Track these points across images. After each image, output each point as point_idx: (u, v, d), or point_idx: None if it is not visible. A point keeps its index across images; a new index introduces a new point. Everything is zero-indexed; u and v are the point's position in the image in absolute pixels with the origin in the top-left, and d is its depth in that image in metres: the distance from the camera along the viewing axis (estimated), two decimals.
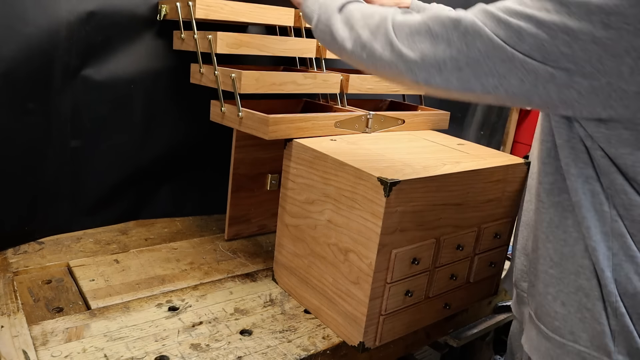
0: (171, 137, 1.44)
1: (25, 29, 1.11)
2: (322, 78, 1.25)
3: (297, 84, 1.21)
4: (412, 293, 1.01)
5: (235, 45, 1.16)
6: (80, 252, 1.26)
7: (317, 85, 1.25)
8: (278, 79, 1.17)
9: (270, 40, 1.22)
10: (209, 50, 1.15)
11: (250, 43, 1.18)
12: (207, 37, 1.14)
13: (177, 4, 1.20)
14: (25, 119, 1.17)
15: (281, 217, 1.16)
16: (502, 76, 0.65)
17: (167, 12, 1.26)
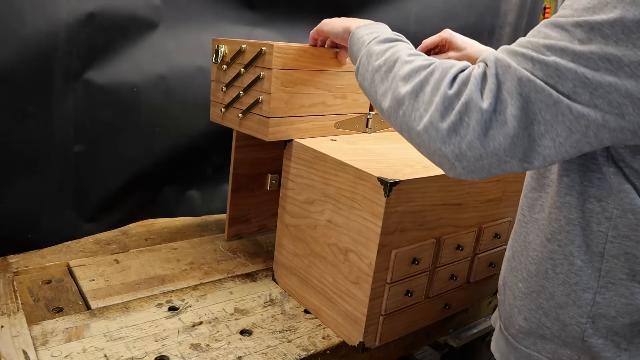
0: (173, 139, 1.44)
1: (23, 30, 1.10)
2: (352, 98, 1.20)
3: (326, 105, 1.15)
4: (412, 293, 1.01)
5: (291, 84, 1.06)
6: (80, 252, 1.26)
7: (347, 105, 1.20)
8: (308, 101, 1.11)
9: (327, 76, 1.13)
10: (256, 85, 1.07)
11: (306, 81, 1.09)
12: (259, 74, 1.05)
13: (242, 47, 1.07)
14: (25, 123, 1.17)
15: (281, 217, 1.16)
16: (549, 123, 0.58)
17: (225, 53, 1.13)
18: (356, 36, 0.87)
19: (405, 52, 0.75)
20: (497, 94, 0.59)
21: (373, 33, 0.85)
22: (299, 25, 1.62)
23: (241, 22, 1.51)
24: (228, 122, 1.17)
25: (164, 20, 1.34)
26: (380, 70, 0.75)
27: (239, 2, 1.48)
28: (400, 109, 0.69)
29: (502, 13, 2.11)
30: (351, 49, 0.88)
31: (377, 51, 0.79)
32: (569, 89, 0.56)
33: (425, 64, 0.69)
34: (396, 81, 0.71)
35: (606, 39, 0.54)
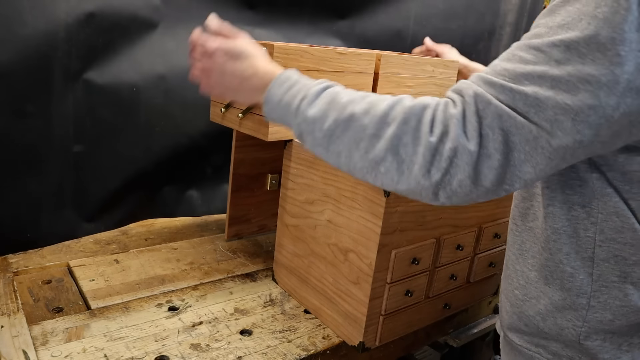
0: (172, 139, 1.44)
1: (23, 30, 1.10)
2: None
3: None
4: (412, 293, 1.01)
5: None
6: (80, 252, 1.26)
7: None
8: None
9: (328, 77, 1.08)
10: None
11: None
12: None
13: None
14: (25, 122, 1.17)
15: (281, 217, 1.16)
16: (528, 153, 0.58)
17: None
18: (273, 102, 0.77)
19: (348, 99, 0.69)
20: (480, 131, 0.59)
21: (291, 89, 0.75)
22: (299, 25, 1.62)
23: (241, 22, 1.50)
24: (228, 122, 1.17)
25: (164, 20, 1.34)
26: (335, 132, 0.68)
27: (239, 2, 1.48)
28: (380, 167, 0.65)
29: (502, 13, 2.11)
30: (270, 115, 0.78)
31: (316, 114, 0.70)
32: (550, 117, 0.56)
33: (387, 110, 0.65)
34: (365, 140, 0.65)
35: (583, 58, 0.54)
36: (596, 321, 0.69)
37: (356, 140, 0.66)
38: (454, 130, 0.60)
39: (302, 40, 1.62)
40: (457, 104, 0.62)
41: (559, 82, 0.55)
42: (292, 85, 0.75)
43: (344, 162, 0.69)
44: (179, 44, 1.39)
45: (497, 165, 0.59)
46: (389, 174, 0.64)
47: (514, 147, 0.58)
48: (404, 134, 0.63)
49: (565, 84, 0.55)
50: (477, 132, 0.59)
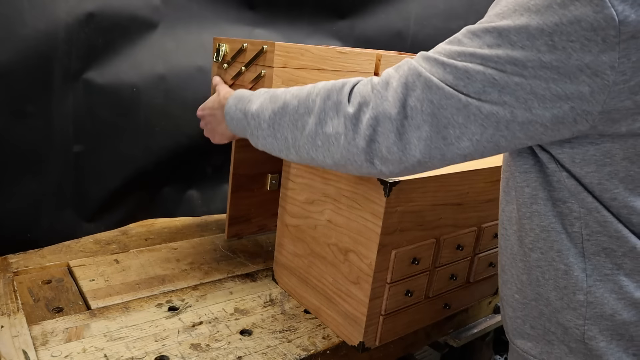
0: (173, 139, 1.44)
1: (23, 30, 1.10)
2: None
3: None
4: (412, 293, 1.01)
5: (292, 83, 1.07)
6: (80, 252, 1.26)
7: None
8: None
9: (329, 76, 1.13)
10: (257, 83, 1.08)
11: (307, 80, 1.09)
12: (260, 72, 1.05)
13: (243, 45, 1.08)
14: (25, 122, 1.17)
15: (281, 217, 1.16)
16: (462, 125, 0.62)
17: (226, 52, 1.14)
18: (230, 112, 0.88)
19: (282, 91, 0.79)
20: (405, 101, 0.63)
21: (242, 99, 0.86)
22: (299, 25, 1.62)
23: (241, 22, 1.51)
24: None
25: (164, 21, 1.34)
26: (275, 120, 0.78)
27: (239, 2, 1.48)
28: (316, 140, 0.72)
29: None
30: (231, 124, 0.89)
31: (258, 108, 0.81)
32: (478, 89, 0.60)
33: (310, 89, 0.74)
34: (300, 120, 0.74)
35: (513, 45, 0.58)
36: (597, 317, 0.68)
37: (293, 122, 0.74)
38: (373, 100, 0.66)
39: (302, 41, 1.62)
40: (384, 76, 0.67)
41: (488, 60, 0.59)
42: (242, 96, 0.87)
43: (292, 145, 0.76)
44: (179, 44, 1.39)
45: (427, 136, 0.63)
46: (324, 147, 0.71)
47: (448, 122, 0.62)
48: (328, 108, 0.70)
49: (494, 62, 0.59)
50: (401, 102, 0.64)
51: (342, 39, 1.71)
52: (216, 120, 0.98)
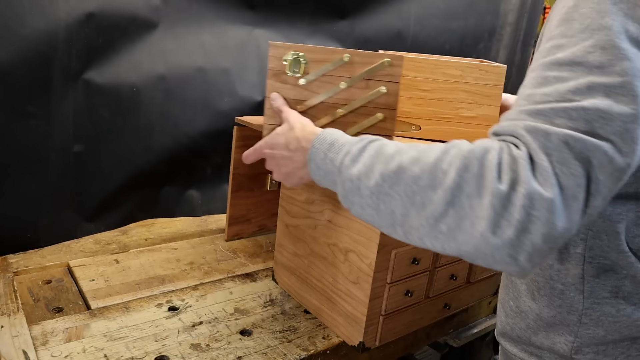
0: (172, 139, 1.44)
1: (23, 30, 1.10)
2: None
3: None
4: (412, 293, 1.01)
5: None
6: (80, 252, 1.26)
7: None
8: None
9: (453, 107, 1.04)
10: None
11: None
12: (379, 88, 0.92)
13: (344, 57, 0.90)
14: (25, 122, 1.17)
15: (281, 217, 1.16)
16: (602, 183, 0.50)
17: (307, 63, 0.91)
18: (316, 159, 0.71)
19: (394, 150, 0.60)
20: (553, 170, 0.49)
21: (334, 146, 0.69)
22: (299, 26, 1.62)
23: (241, 22, 1.51)
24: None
25: (164, 21, 1.34)
26: (383, 188, 0.59)
27: (239, 2, 1.48)
28: (440, 225, 0.54)
29: (502, 13, 2.11)
30: (315, 174, 0.72)
31: (361, 170, 0.62)
32: (619, 127, 0.49)
33: (441, 156, 0.55)
34: (419, 193, 0.55)
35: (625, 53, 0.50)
36: (588, 337, 0.68)
37: (409, 194, 0.56)
38: (524, 175, 0.49)
39: (302, 41, 1.62)
40: (521, 147, 0.52)
41: (612, 88, 0.49)
42: (334, 141, 0.70)
43: (400, 222, 0.57)
44: (179, 44, 1.39)
45: (583, 204, 0.50)
46: (450, 233, 0.53)
47: (593, 178, 0.50)
48: (465, 182, 0.52)
49: (619, 88, 0.49)
50: (550, 172, 0.49)
51: (343, 39, 1.71)
52: (293, 164, 0.79)
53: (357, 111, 0.94)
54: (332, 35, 1.69)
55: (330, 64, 0.91)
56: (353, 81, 0.92)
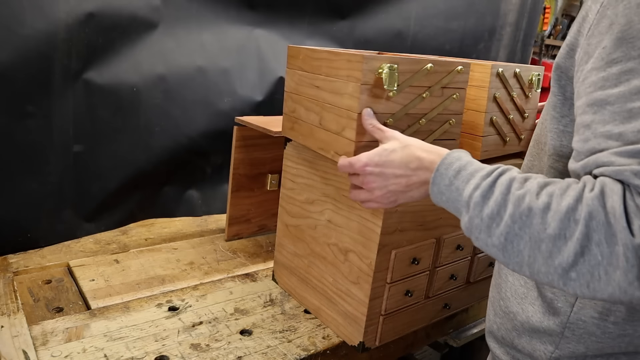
0: (172, 139, 1.44)
1: (23, 30, 1.10)
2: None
3: None
4: (412, 293, 1.01)
5: None
6: (80, 252, 1.26)
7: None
8: None
9: None
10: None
11: None
12: (453, 94, 0.93)
13: (428, 67, 0.88)
14: (25, 122, 1.17)
15: (281, 217, 1.16)
16: None
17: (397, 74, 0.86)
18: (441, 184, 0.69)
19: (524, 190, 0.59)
20: None
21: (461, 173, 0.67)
22: (299, 26, 1.62)
23: (241, 22, 1.51)
24: None
25: (164, 21, 1.34)
26: (512, 230, 0.58)
27: (239, 2, 1.48)
28: (570, 273, 0.54)
29: (502, 13, 2.11)
30: (437, 197, 0.70)
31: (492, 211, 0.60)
32: None
33: (573, 204, 0.54)
34: (546, 242, 0.55)
35: None
36: (568, 351, 0.67)
37: (537, 241, 0.56)
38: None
39: (302, 41, 1.62)
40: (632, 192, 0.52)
41: None
42: (461, 168, 0.67)
43: (527, 263, 0.58)
44: (179, 44, 1.39)
45: None
46: (582, 280, 0.54)
47: None
48: (593, 231, 0.52)
49: None
50: None
51: (342, 39, 1.71)
52: (408, 183, 0.74)
53: (433, 119, 0.93)
54: (332, 36, 1.69)
55: (417, 74, 0.89)
56: (433, 90, 0.91)
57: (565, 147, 0.68)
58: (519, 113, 1.05)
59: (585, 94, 0.58)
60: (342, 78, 0.87)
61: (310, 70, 0.96)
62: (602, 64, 0.56)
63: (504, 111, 1.01)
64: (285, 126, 1.07)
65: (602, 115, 0.55)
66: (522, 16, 2.19)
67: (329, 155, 0.93)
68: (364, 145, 0.86)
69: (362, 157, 0.78)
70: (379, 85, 0.85)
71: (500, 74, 0.97)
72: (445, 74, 0.91)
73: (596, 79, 0.56)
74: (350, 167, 0.80)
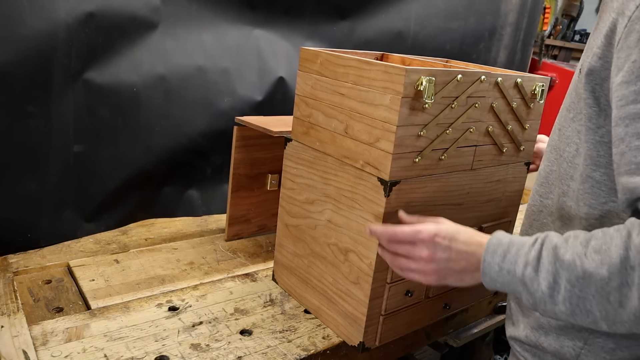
0: (172, 139, 1.44)
1: (23, 30, 1.10)
2: None
3: None
4: (412, 293, 1.01)
5: None
6: (80, 252, 1.26)
7: None
8: None
9: None
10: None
11: None
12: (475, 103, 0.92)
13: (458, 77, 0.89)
14: (25, 122, 1.17)
15: (281, 217, 1.16)
16: None
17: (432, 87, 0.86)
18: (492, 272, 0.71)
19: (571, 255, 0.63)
20: None
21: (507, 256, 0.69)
22: (300, 26, 1.62)
23: (241, 22, 1.51)
24: (423, 170, 0.95)
25: (164, 21, 1.34)
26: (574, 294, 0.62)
27: (239, 2, 1.48)
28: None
29: (502, 13, 2.11)
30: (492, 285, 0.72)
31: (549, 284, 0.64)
32: None
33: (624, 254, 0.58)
34: (613, 293, 0.59)
35: None
36: (598, 346, 0.68)
37: (603, 296, 0.60)
38: None
39: (302, 42, 1.62)
40: None
41: None
42: (505, 251, 0.70)
43: (602, 318, 0.61)
44: (179, 44, 1.39)
45: None
46: None
47: None
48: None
49: None
50: None
51: (343, 39, 1.71)
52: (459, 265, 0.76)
53: (457, 127, 0.94)
54: (332, 36, 1.69)
55: (448, 85, 0.89)
56: (460, 100, 0.92)
57: (602, 157, 0.70)
58: (518, 124, 1.05)
59: (616, 107, 0.61)
60: (377, 89, 0.87)
61: (332, 77, 0.96)
62: (633, 78, 0.59)
63: (501, 121, 1.01)
64: (298, 130, 1.06)
65: (635, 128, 0.58)
66: (523, 16, 2.19)
67: (358, 164, 0.93)
68: (399, 157, 0.87)
69: (430, 227, 0.77)
70: (418, 98, 0.85)
71: (499, 83, 0.97)
72: (471, 84, 0.92)
73: (627, 92, 0.59)
74: (414, 235, 0.77)
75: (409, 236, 0.77)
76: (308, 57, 1.01)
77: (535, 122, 1.09)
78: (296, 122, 1.07)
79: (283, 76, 1.59)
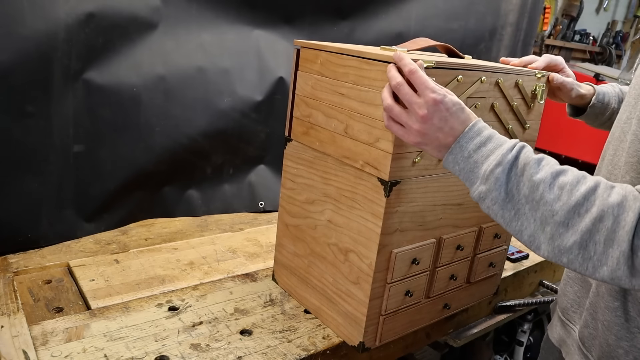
0: (172, 139, 1.44)
1: (23, 30, 1.10)
2: None
3: None
4: (412, 293, 1.01)
5: None
6: (80, 252, 1.26)
7: None
8: None
9: None
10: None
11: None
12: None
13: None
14: (25, 122, 1.17)
15: (281, 217, 1.16)
16: None
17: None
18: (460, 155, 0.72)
19: (540, 177, 0.65)
20: None
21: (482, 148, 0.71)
22: (300, 26, 1.62)
23: (241, 22, 1.51)
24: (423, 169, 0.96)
25: (164, 21, 1.34)
26: (521, 210, 0.66)
27: (239, 2, 1.48)
28: (562, 257, 0.63)
29: (502, 13, 2.11)
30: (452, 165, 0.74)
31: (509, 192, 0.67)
32: None
33: (582, 200, 0.61)
34: (551, 226, 0.63)
35: None
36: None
37: (542, 223, 0.64)
38: None
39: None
40: None
41: None
42: (483, 142, 0.71)
43: (526, 237, 0.66)
44: (179, 44, 1.39)
45: None
46: (572, 264, 0.63)
47: None
48: (597, 231, 0.60)
49: None
50: None
51: (343, 40, 1.71)
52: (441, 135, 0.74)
53: None
54: (332, 36, 1.69)
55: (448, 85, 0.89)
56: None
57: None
58: (518, 123, 1.05)
59: None
60: (377, 89, 0.87)
61: (332, 77, 0.96)
62: None
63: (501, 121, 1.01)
64: (297, 130, 1.07)
65: None
66: (523, 16, 2.19)
67: (358, 165, 0.93)
68: (399, 157, 0.87)
69: (441, 91, 0.73)
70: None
71: (499, 83, 0.97)
72: (471, 84, 0.93)
73: None
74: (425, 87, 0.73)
75: (422, 84, 0.73)
76: (308, 57, 1.01)
77: (535, 122, 1.09)
78: (296, 122, 1.07)
79: (283, 76, 1.59)
